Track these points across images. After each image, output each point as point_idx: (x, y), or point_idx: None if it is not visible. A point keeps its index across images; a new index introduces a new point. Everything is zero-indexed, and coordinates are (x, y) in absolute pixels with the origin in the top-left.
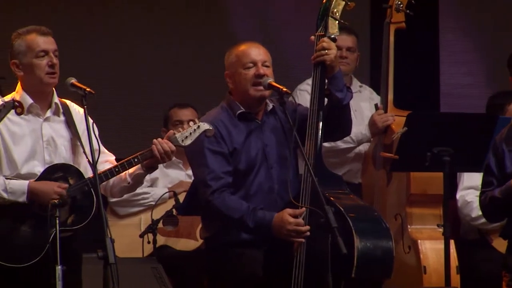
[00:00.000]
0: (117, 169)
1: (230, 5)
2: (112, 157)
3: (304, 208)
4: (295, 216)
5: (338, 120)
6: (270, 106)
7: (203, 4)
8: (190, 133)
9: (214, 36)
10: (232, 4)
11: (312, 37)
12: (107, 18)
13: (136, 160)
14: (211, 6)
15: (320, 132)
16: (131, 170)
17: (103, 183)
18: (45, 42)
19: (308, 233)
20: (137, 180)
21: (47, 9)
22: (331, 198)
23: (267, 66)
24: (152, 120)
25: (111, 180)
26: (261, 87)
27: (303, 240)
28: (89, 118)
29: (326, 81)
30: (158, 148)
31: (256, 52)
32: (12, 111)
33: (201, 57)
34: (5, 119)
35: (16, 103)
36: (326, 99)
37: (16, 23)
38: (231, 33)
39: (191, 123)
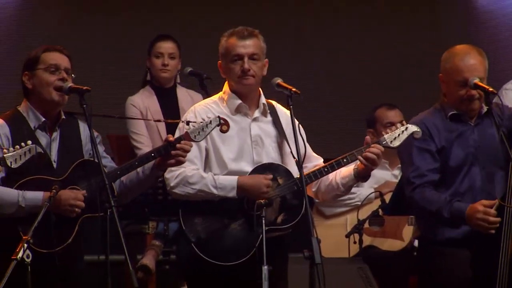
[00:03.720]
0: (326, 169)
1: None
2: (320, 160)
3: (497, 200)
4: (489, 207)
5: None
6: (485, 108)
7: (413, 8)
8: (399, 135)
9: (421, 40)
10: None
11: None
12: (307, 18)
13: (345, 160)
14: (421, 10)
15: None
16: (344, 181)
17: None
18: (241, 46)
19: (497, 225)
20: (350, 189)
21: (249, 9)
22: None
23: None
24: (352, 120)
25: (322, 186)
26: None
27: (492, 231)
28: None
29: None
30: (369, 154)
31: (470, 69)
32: (217, 128)
33: (407, 60)
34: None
35: (222, 120)
36: None
37: (221, 26)
38: (437, 38)
39: (398, 124)
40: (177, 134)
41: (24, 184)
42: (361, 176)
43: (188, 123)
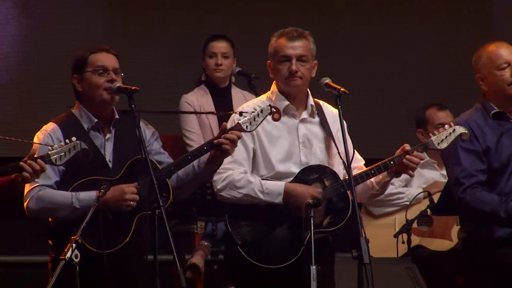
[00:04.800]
0: (372, 171)
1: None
2: (362, 163)
3: None
4: None
5: None
6: None
7: (464, 7)
8: (446, 137)
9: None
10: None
11: None
12: (357, 18)
13: (392, 162)
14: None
15: None
16: (378, 178)
17: None
18: (290, 47)
19: None
20: (385, 187)
21: (299, 10)
22: None
23: None
24: (400, 120)
25: (358, 188)
26: None
27: None
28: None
29: None
30: (414, 159)
31: (507, 52)
32: (269, 116)
33: (456, 58)
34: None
35: (273, 108)
36: None
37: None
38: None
39: (446, 126)
40: None
41: (80, 185)
42: (395, 172)
43: (241, 113)
